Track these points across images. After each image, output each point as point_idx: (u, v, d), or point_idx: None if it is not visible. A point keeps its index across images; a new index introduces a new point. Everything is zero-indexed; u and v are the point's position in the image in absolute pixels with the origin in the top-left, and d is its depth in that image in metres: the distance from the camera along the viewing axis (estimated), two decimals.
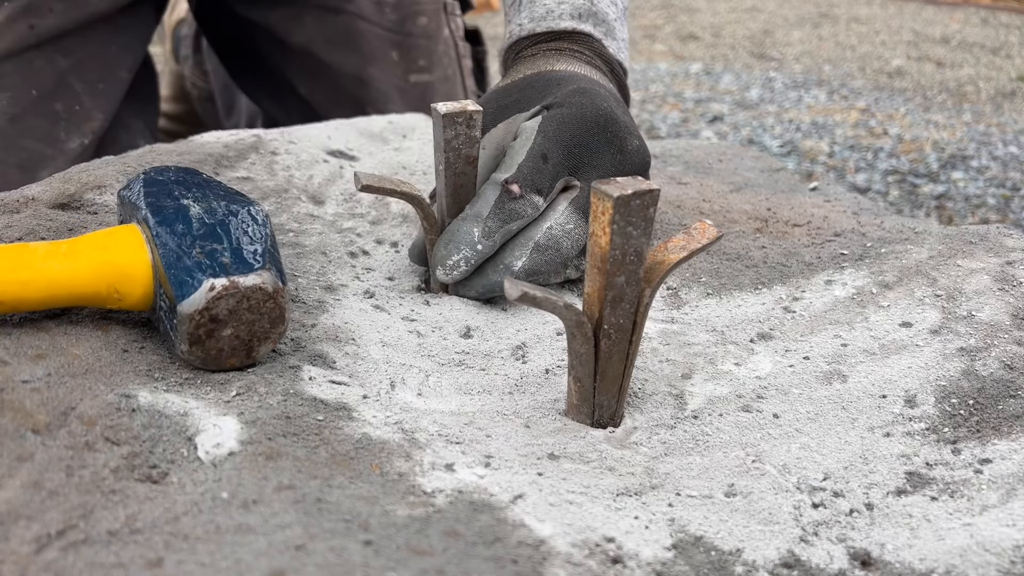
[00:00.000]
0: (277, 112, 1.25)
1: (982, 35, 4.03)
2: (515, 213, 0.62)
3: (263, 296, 0.52)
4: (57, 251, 0.53)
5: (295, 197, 0.77)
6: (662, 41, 3.85)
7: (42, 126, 0.99)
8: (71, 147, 1.00)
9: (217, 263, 0.52)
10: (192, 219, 0.54)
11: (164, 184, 0.58)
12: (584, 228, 0.65)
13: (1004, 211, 1.98)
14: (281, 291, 0.53)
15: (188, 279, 0.51)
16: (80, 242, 0.54)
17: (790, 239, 0.76)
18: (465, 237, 0.62)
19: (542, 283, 0.65)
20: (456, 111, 0.61)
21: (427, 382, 0.57)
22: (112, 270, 0.53)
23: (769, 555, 0.44)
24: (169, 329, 0.52)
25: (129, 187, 0.58)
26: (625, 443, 0.53)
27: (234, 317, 0.51)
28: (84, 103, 1.03)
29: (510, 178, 0.63)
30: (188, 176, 0.60)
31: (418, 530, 0.42)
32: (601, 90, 0.68)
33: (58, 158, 0.99)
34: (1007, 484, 0.49)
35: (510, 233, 0.63)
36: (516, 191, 0.62)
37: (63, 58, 1.02)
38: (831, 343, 0.62)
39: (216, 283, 0.51)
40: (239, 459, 0.45)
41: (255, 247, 0.54)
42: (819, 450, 0.52)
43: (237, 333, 0.52)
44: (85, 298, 0.53)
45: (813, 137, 2.51)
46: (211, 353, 0.52)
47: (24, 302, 0.52)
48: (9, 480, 0.42)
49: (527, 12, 0.76)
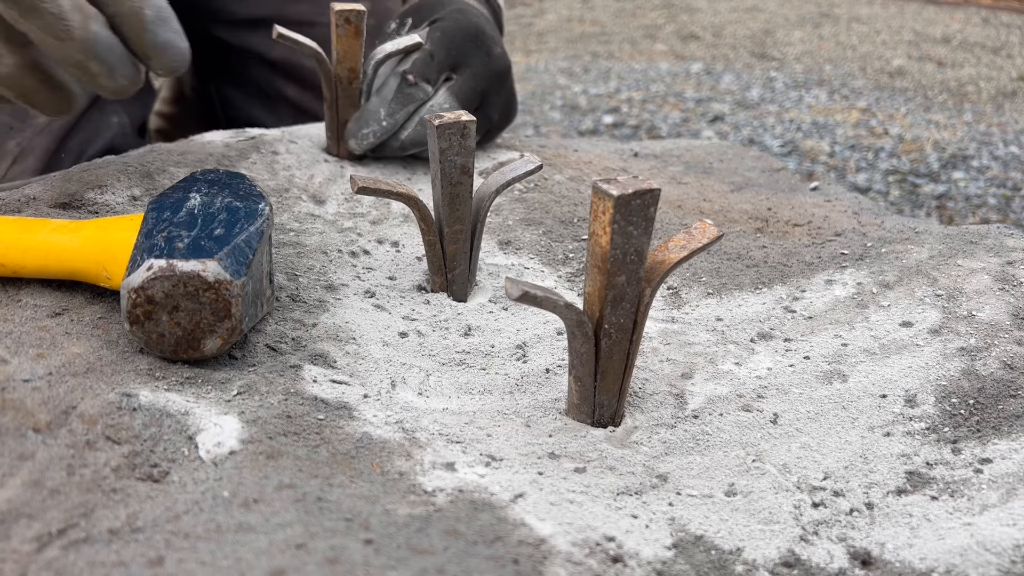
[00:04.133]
0: (268, 119, 1.27)
1: (983, 35, 4.02)
2: (411, 97, 0.81)
3: (201, 284, 0.51)
4: (64, 227, 0.56)
5: (296, 196, 0.77)
6: (663, 41, 3.84)
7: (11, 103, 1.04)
8: (39, 121, 1.05)
9: (170, 247, 0.52)
10: (183, 209, 0.55)
11: (195, 180, 0.60)
12: (456, 108, 0.82)
13: (1005, 211, 1.98)
14: (226, 283, 0.51)
15: (138, 258, 0.51)
16: (90, 223, 0.57)
17: (790, 239, 0.76)
18: (374, 115, 0.81)
19: (422, 149, 0.83)
20: (449, 122, 0.61)
21: (428, 381, 0.58)
22: (103, 249, 0.55)
23: (769, 554, 0.44)
24: None
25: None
26: (625, 442, 0.53)
27: (171, 301, 0.51)
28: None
29: (407, 70, 0.82)
30: (226, 177, 0.61)
31: (419, 529, 0.42)
32: (475, 10, 0.89)
33: (26, 130, 1.04)
34: (1007, 484, 0.49)
35: (408, 114, 0.82)
36: (411, 79, 0.81)
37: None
38: (831, 343, 0.62)
39: (155, 263, 0.50)
40: (240, 458, 0.45)
41: (222, 240, 0.53)
42: (819, 449, 0.52)
43: (178, 321, 0.51)
44: (77, 273, 0.56)
45: (814, 137, 2.51)
46: (152, 337, 0.51)
47: (23, 268, 0.56)
48: (10, 479, 0.42)
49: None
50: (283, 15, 1.18)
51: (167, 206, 0.56)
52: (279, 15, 1.18)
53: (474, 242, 0.67)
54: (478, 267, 0.71)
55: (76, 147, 1.08)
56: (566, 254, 0.75)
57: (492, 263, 0.72)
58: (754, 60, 3.50)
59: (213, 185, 0.59)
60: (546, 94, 2.98)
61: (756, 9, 4.54)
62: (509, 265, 0.73)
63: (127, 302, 0.50)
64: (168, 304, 0.51)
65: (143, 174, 0.72)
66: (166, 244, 0.52)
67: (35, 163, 1.04)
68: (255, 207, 0.57)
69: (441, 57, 0.83)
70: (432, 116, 0.63)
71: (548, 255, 0.74)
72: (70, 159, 1.06)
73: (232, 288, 0.51)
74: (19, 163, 1.03)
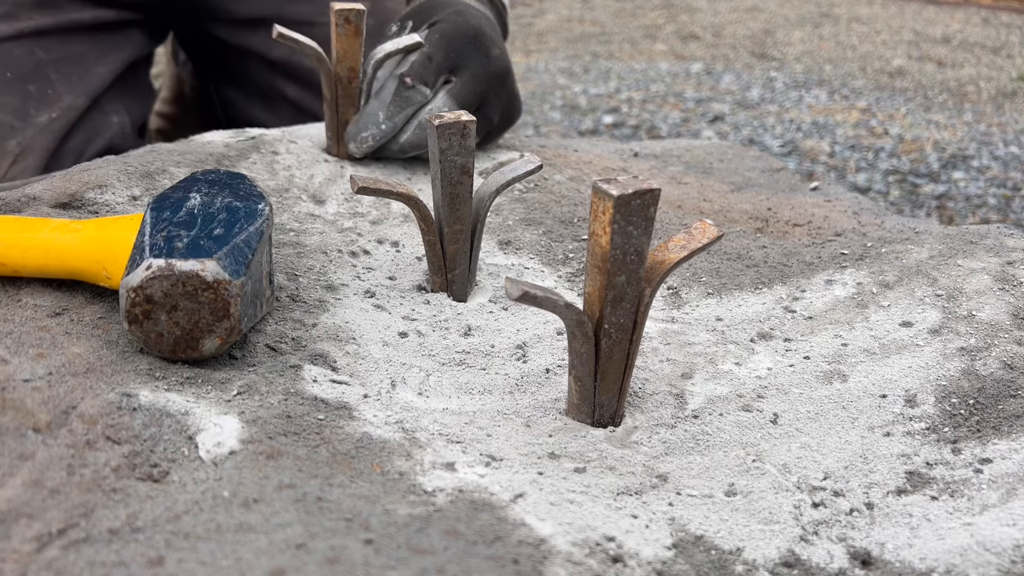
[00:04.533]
0: (268, 118, 1.27)
1: (983, 35, 4.03)
2: (409, 100, 0.81)
3: (200, 284, 0.50)
4: (64, 227, 0.56)
5: (296, 196, 0.77)
6: (663, 41, 3.85)
7: (12, 102, 1.05)
8: (39, 120, 1.06)
9: (169, 246, 0.52)
10: (183, 208, 0.55)
11: (195, 180, 0.60)
12: (455, 110, 0.80)
13: (1005, 211, 1.98)
14: (225, 283, 0.51)
15: (138, 258, 0.51)
16: (92, 223, 0.57)
17: (790, 239, 0.76)
18: (373, 119, 0.81)
19: (422, 151, 0.83)
20: (449, 122, 0.61)
21: (428, 381, 0.58)
22: (103, 248, 0.55)
23: (769, 554, 0.44)
24: None
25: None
26: (625, 442, 0.53)
27: (170, 300, 0.50)
28: (57, 89, 1.09)
29: (405, 72, 0.82)
30: (227, 177, 0.61)
31: (419, 529, 0.42)
32: (474, 11, 0.88)
33: (27, 129, 1.05)
34: (1007, 484, 0.49)
35: (407, 117, 0.82)
36: (409, 82, 0.81)
37: (43, 52, 1.08)
38: (831, 343, 0.62)
39: (155, 263, 0.50)
40: (240, 458, 0.45)
41: (221, 239, 0.53)
42: (819, 449, 0.52)
43: (176, 320, 0.51)
44: (77, 272, 0.55)
45: (814, 137, 2.51)
46: (150, 336, 0.51)
47: (24, 267, 0.56)
48: (10, 479, 0.42)
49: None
50: (283, 15, 1.19)
51: (167, 206, 0.56)
52: (279, 15, 1.19)
53: (474, 242, 0.67)
54: (478, 267, 0.71)
55: (76, 147, 1.08)
56: (566, 254, 0.75)
57: (492, 263, 0.72)
58: (754, 60, 3.50)
59: (213, 185, 0.59)
60: (546, 94, 2.98)
61: (756, 9, 4.55)
62: (509, 265, 0.73)
63: (126, 301, 0.50)
64: (167, 303, 0.51)
65: (143, 174, 0.72)
66: (165, 244, 0.52)
67: (35, 162, 1.04)
68: (255, 207, 0.57)
69: (439, 59, 0.83)
70: (432, 116, 0.62)
71: (548, 255, 0.75)
72: (70, 159, 1.06)
73: (231, 288, 0.51)
74: (19, 162, 1.03)
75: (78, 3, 1.12)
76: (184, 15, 1.25)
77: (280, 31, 0.78)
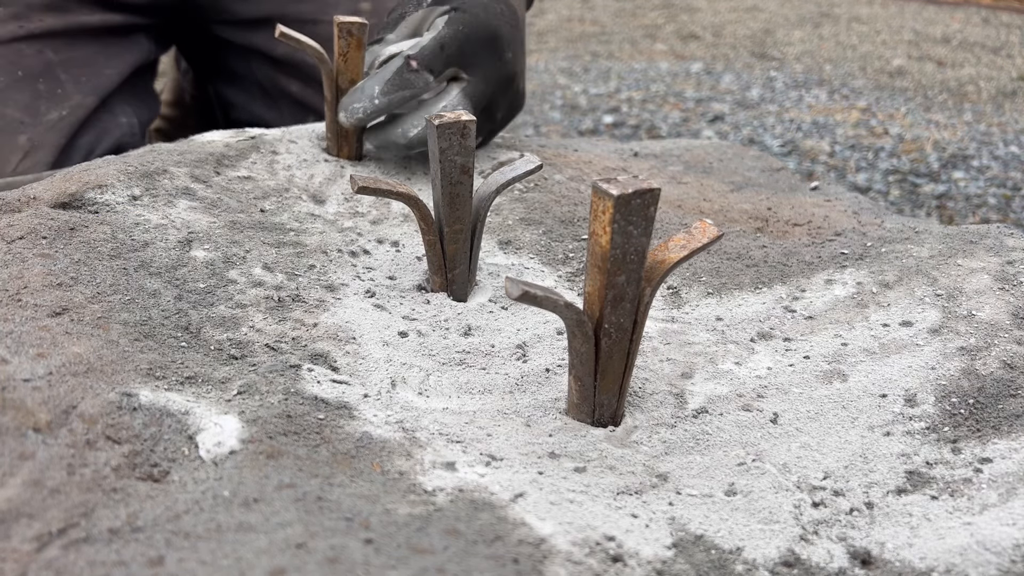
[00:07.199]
0: (270, 115, 1.27)
1: (983, 35, 4.03)
2: (409, 82, 0.79)
3: None
4: None
5: (296, 196, 0.77)
6: (663, 40, 3.84)
7: (23, 99, 1.06)
8: (49, 118, 1.06)
9: None
10: None
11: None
12: (468, 109, 0.81)
13: (1005, 211, 1.98)
14: None
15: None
16: None
17: (790, 238, 0.76)
18: (368, 92, 0.79)
19: (426, 148, 0.80)
20: (449, 122, 0.61)
21: (428, 381, 0.58)
22: None
23: (769, 554, 0.45)
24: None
25: None
26: (626, 442, 0.53)
27: None
28: (67, 88, 1.10)
29: (413, 55, 0.79)
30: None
31: (419, 528, 0.42)
32: (499, 7, 0.86)
33: (37, 126, 1.06)
34: (1007, 483, 0.49)
35: (403, 99, 0.79)
36: (413, 65, 0.78)
37: (52, 53, 1.09)
38: (831, 342, 0.62)
39: None
40: (240, 458, 0.45)
41: None
42: (819, 449, 0.52)
43: None
44: None
45: (814, 137, 2.51)
46: None
47: None
48: (10, 478, 0.42)
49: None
50: (285, 14, 1.19)
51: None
52: (282, 14, 1.19)
53: (474, 242, 0.67)
54: (478, 267, 0.71)
55: (85, 145, 1.09)
56: (566, 254, 0.75)
57: (492, 263, 0.72)
58: (754, 60, 3.50)
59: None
60: (546, 94, 2.98)
61: (756, 9, 4.55)
62: (509, 265, 0.73)
63: None
64: None
65: (143, 174, 0.72)
66: None
67: (45, 158, 1.05)
68: None
69: (452, 51, 0.81)
70: (432, 116, 0.63)
71: (548, 255, 0.75)
72: (80, 156, 1.07)
73: None
74: (29, 158, 1.04)
75: (87, 6, 1.13)
76: (189, 18, 1.26)
77: (282, 31, 0.78)
